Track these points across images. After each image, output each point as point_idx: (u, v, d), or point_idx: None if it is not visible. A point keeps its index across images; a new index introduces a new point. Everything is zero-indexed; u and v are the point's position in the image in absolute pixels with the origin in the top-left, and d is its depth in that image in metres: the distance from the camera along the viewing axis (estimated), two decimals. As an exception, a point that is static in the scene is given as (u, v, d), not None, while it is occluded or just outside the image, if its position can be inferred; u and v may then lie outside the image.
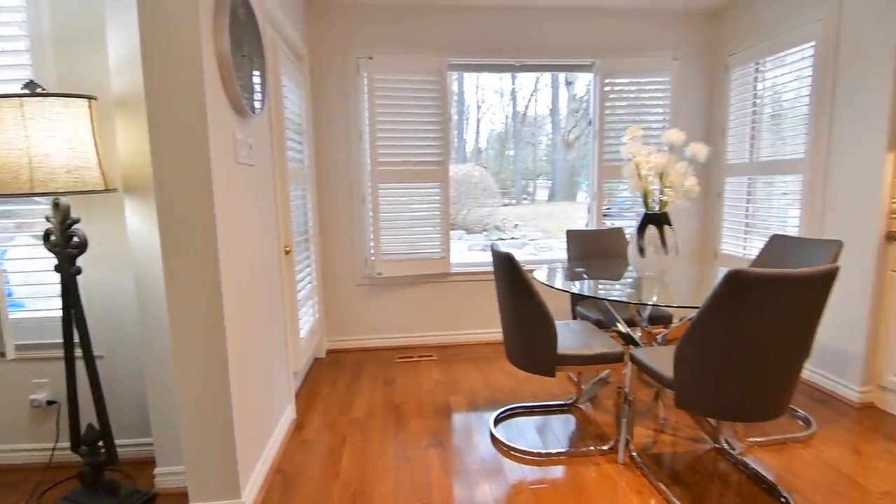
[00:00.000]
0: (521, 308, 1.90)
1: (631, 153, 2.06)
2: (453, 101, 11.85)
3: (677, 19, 3.39)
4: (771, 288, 1.35)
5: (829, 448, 2.08)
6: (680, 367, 1.60)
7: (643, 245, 2.08)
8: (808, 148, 2.67)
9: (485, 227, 9.94)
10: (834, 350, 2.57)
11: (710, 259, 3.57)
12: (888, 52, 2.25)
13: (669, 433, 2.22)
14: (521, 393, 2.67)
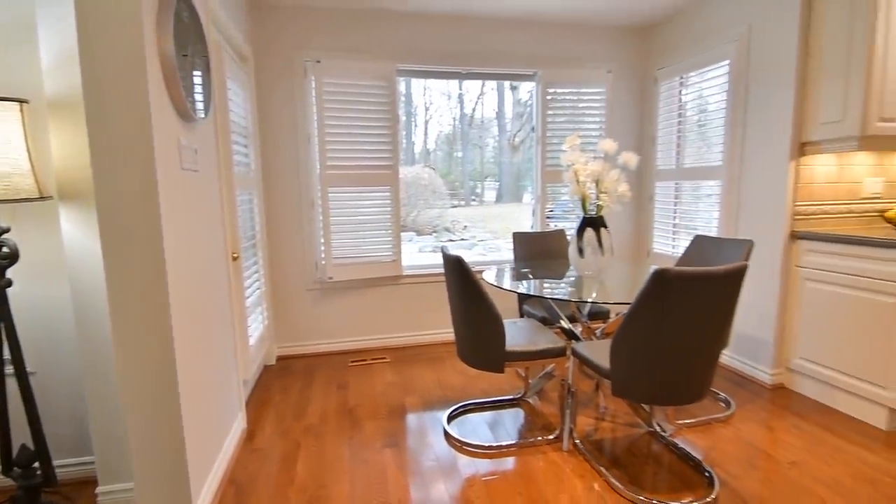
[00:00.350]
0: (471, 309, 1.99)
1: (570, 161, 2.21)
2: (401, 103, 11.87)
3: (611, 35, 3.63)
4: (691, 284, 1.52)
5: (747, 426, 2.32)
6: (615, 358, 1.75)
7: (582, 246, 2.23)
8: (725, 156, 2.96)
9: (435, 229, 10.04)
10: (749, 337, 2.87)
11: (643, 257, 3.84)
12: (789, 73, 2.54)
13: (609, 420, 2.39)
14: (473, 390, 2.77)
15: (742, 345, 2.92)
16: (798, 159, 2.58)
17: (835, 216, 2.67)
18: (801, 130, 2.56)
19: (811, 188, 2.62)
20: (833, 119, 2.38)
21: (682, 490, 1.83)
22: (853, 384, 2.34)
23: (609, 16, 3.37)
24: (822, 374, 2.49)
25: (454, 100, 12.47)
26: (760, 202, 2.74)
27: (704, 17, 3.10)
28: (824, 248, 2.46)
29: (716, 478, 1.89)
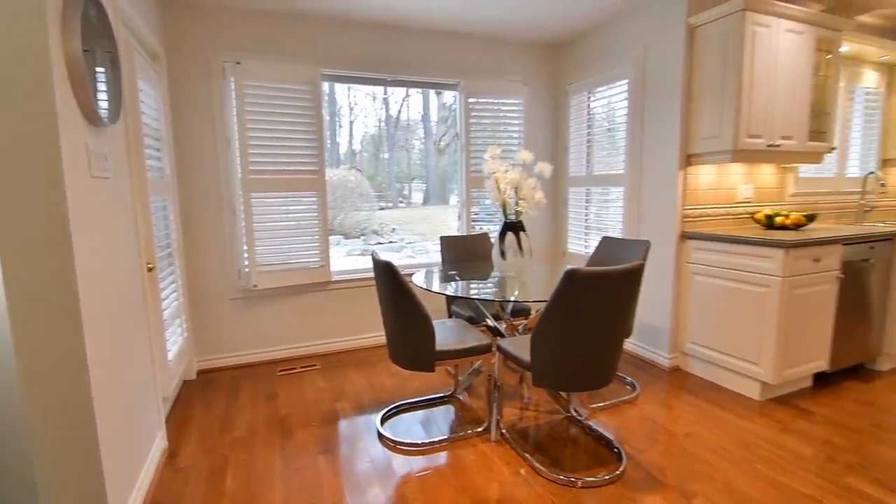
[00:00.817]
0: (401, 312, 2.06)
1: (491, 170, 2.36)
2: (325, 103, 11.56)
3: (527, 50, 3.88)
4: (597, 282, 1.71)
5: (649, 405, 2.61)
6: (535, 352, 1.91)
7: (504, 249, 2.40)
8: (627, 165, 3.29)
9: (363, 232, 9.94)
10: (650, 326, 3.21)
11: (559, 257, 4.14)
12: (677, 93, 2.90)
13: (532, 409, 2.57)
14: (406, 390, 2.84)
15: (644, 333, 3.27)
16: (685, 169, 2.95)
17: (715, 218, 3.08)
18: (687, 143, 2.92)
19: (696, 194, 3.00)
20: (712, 135, 2.76)
21: (596, 467, 2.04)
22: (733, 363, 2.73)
23: (525, 33, 3.60)
24: (709, 356, 2.87)
25: (379, 101, 12.41)
26: (657, 206, 3.09)
27: (607, 38, 3.42)
28: (707, 246, 2.84)
29: (623, 453, 2.12)
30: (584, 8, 3.14)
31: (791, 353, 2.56)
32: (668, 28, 2.92)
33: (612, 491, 1.88)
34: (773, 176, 3.28)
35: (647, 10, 3.06)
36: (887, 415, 2.46)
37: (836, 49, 2.92)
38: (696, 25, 2.80)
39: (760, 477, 1.96)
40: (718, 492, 1.86)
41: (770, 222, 2.96)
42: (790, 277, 2.46)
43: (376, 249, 10.12)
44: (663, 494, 1.85)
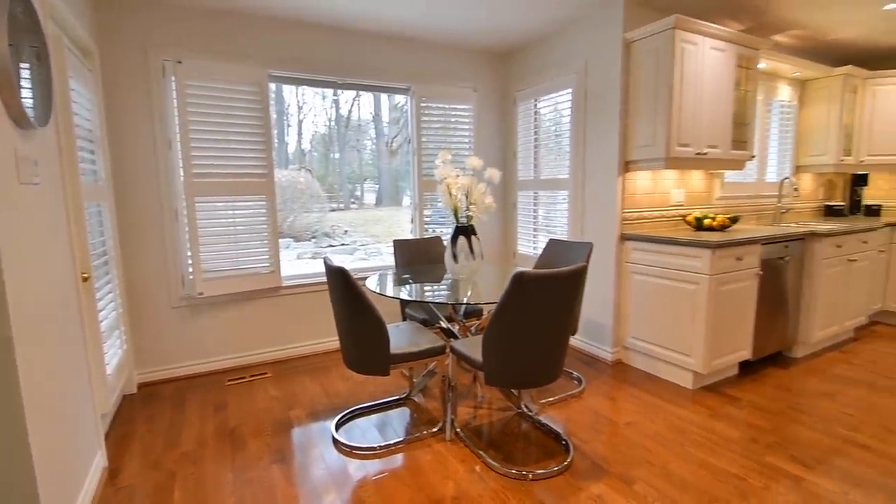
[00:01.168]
0: (355, 317, 2.08)
1: (443, 176, 2.42)
2: (273, 101, 11.17)
3: (477, 57, 3.97)
4: (543, 284, 1.80)
5: (594, 398, 2.76)
6: (487, 351, 1.98)
7: (456, 252, 2.46)
8: (571, 170, 3.45)
9: (314, 234, 9.74)
10: (594, 323, 3.39)
11: (509, 258, 4.27)
12: (616, 103, 3.08)
13: (486, 407, 2.65)
14: (360, 395, 2.84)
15: (589, 329, 3.44)
16: (624, 174, 3.14)
17: (651, 220, 3.30)
18: (625, 151, 3.11)
19: (634, 198, 3.20)
20: (646, 143, 2.96)
21: (546, 459, 2.14)
22: (669, 355, 2.93)
23: (475, 41, 3.69)
24: (648, 349, 3.07)
25: (329, 101, 12.16)
26: (599, 209, 3.27)
27: (552, 49, 3.57)
28: (644, 247, 3.03)
29: (571, 445, 2.24)
30: (530, 20, 3.27)
31: (719, 345, 2.79)
32: (607, 42, 3.10)
33: (560, 482, 1.99)
34: (702, 181, 3.56)
35: (588, 24, 3.22)
36: (802, 397, 2.74)
37: (754, 65, 3.21)
38: (632, 41, 2.99)
39: (693, 460, 2.13)
40: (656, 476, 2.01)
41: (699, 224, 3.21)
42: (717, 275, 2.69)
43: (329, 253, 9.95)
44: (607, 482, 1.98)
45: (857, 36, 3.74)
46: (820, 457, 2.14)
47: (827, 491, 1.90)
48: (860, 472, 2.02)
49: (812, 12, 3.21)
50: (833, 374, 3.05)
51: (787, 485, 1.95)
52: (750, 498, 1.87)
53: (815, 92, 4.08)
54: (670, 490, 1.92)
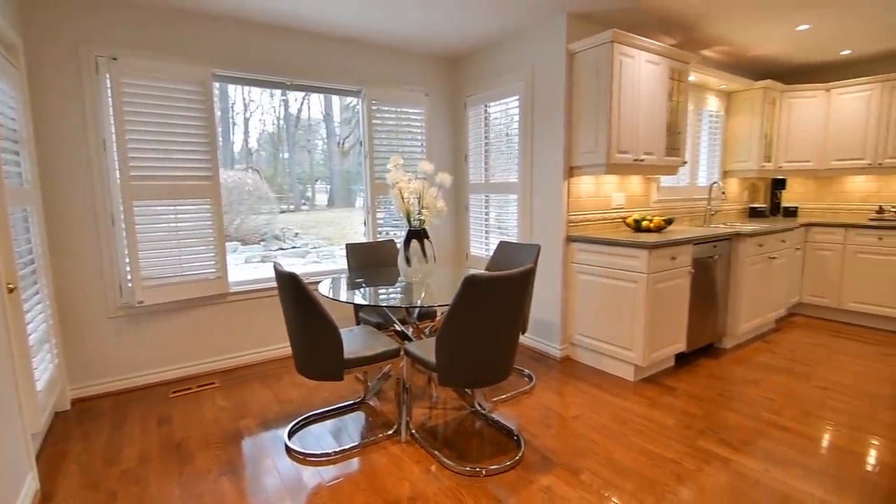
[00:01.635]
0: (308, 323, 2.06)
1: (395, 180, 2.44)
2: (217, 99, 10.65)
3: (428, 62, 4.02)
4: (493, 286, 1.87)
5: (544, 393, 2.87)
6: (440, 353, 2.03)
7: (409, 256, 2.49)
8: (520, 174, 3.57)
9: (263, 237, 9.43)
10: (543, 321, 3.52)
11: (462, 261, 4.35)
12: (560, 111, 3.22)
13: (440, 408, 2.70)
14: (314, 401, 2.81)
15: (539, 328, 3.57)
16: (569, 179, 3.28)
17: (594, 222, 3.47)
18: (570, 157, 3.26)
19: (579, 201, 3.36)
20: (589, 150, 3.11)
21: (499, 455, 2.21)
22: (612, 349, 3.10)
23: (425, 45, 3.74)
24: (593, 345, 3.23)
25: (277, 99, 11.78)
26: (546, 212, 3.40)
27: (501, 56, 3.68)
28: (588, 248, 3.19)
29: (522, 440, 2.32)
30: (476, 27, 3.35)
31: (656, 339, 2.98)
32: (551, 52, 3.23)
33: (513, 476, 2.06)
34: (641, 185, 3.78)
35: (534, 34, 3.35)
36: (730, 385, 2.97)
37: (685, 78, 3.45)
38: (575, 52, 3.14)
39: (634, 448, 2.27)
40: (601, 465, 2.13)
41: (638, 226, 3.41)
42: (653, 274, 2.88)
43: (279, 257, 9.67)
44: (556, 473, 2.07)
45: (774, 53, 4.11)
46: (746, 439, 2.34)
47: (751, 470, 2.09)
48: (780, 452, 2.23)
49: (734, 30, 3.50)
50: (757, 363, 3.33)
51: (717, 466, 2.12)
52: (685, 480, 2.02)
53: (740, 103, 4.43)
54: (614, 477, 2.04)
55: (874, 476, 2.03)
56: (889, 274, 3.93)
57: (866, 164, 4.26)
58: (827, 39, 3.75)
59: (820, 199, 4.90)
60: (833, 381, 3.01)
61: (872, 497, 1.90)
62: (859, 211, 4.60)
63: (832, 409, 2.64)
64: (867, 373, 3.14)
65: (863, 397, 2.78)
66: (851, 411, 2.61)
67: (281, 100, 11.24)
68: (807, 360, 3.38)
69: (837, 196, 4.78)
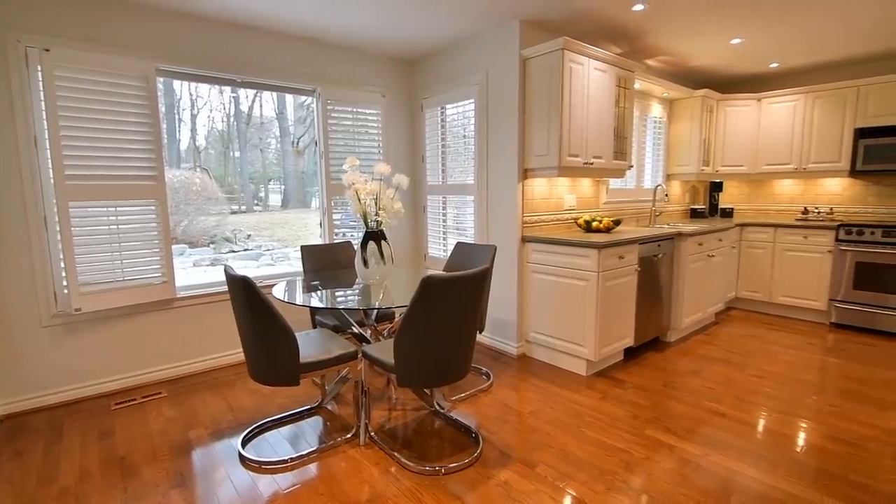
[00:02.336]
0: (261, 327, 2.01)
1: (351, 181, 2.43)
2: (162, 94, 10.08)
3: (383, 62, 4.01)
4: (450, 286, 1.90)
5: (501, 391, 2.94)
6: (398, 354, 2.04)
7: (366, 257, 2.48)
8: (476, 176, 3.63)
9: (212, 239, 9.06)
10: (501, 320, 3.60)
11: (421, 262, 4.37)
12: (514, 114, 3.30)
13: (400, 409, 2.70)
14: (269, 408, 2.74)
15: (496, 327, 3.64)
16: (524, 181, 3.37)
17: (548, 223, 3.58)
18: (524, 159, 3.35)
19: (533, 203, 3.46)
20: (542, 153, 3.21)
21: (458, 453, 2.24)
22: (565, 346, 3.21)
23: (382, 46, 3.73)
24: (548, 342, 3.33)
25: (227, 95, 11.29)
26: (502, 214, 3.48)
27: (456, 59, 3.73)
28: (542, 248, 3.29)
29: (480, 437, 2.37)
30: (433, 30, 3.38)
31: (607, 334, 3.12)
32: (505, 57, 3.31)
33: (471, 473, 2.10)
34: (591, 187, 3.94)
35: (489, 38, 3.42)
36: (675, 376, 3.15)
37: (631, 85, 3.62)
38: (528, 58, 3.23)
39: (587, 439, 2.37)
40: (556, 457, 2.21)
41: (588, 226, 3.55)
42: (603, 272, 3.00)
43: (230, 259, 9.24)
44: (512, 467, 2.13)
45: (711, 63, 4.38)
46: (689, 427, 2.49)
47: (693, 455, 2.23)
48: (719, 437, 2.39)
49: (674, 41, 3.71)
50: (699, 355, 3.54)
51: (664, 453, 2.24)
52: (634, 468, 2.13)
53: (681, 110, 4.70)
54: (568, 468, 2.12)
55: (802, 456, 2.22)
56: (813, 269, 4.29)
57: (792, 168, 4.62)
58: (757, 53, 4.05)
59: (753, 201, 5.27)
60: (765, 369, 3.26)
61: (801, 474, 2.07)
62: (787, 212, 4.99)
63: (765, 395, 2.86)
64: (795, 361, 3.41)
65: (791, 384, 3.02)
66: (781, 397, 2.83)
67: (231, 96, 10.80)
68: (742, 350, 3.63)
69: (768, 198, 5.16)
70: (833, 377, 3.12)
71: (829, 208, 4.68)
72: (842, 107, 4.28)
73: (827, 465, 2.14)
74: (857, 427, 2.47)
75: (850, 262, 4.07)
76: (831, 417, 2.58)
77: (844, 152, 4.30)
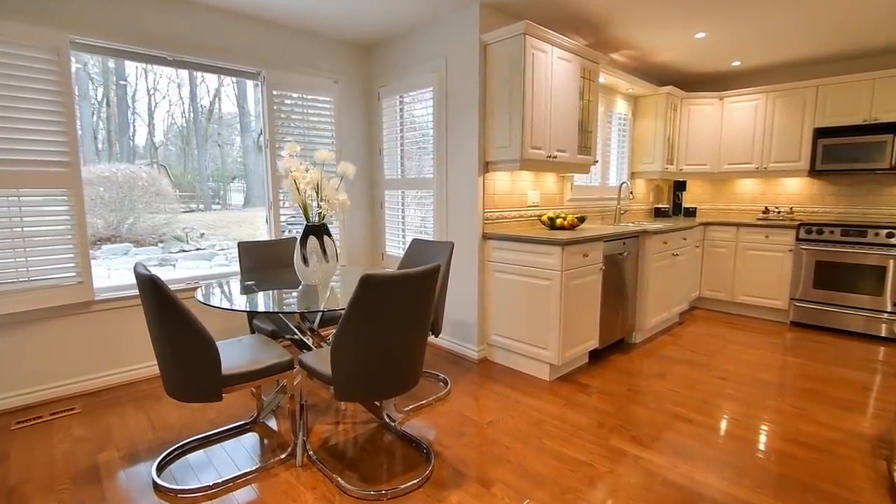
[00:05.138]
0: (174, 335, 1.73)
1: (288, 168, 2.16)
2: (112, 84, 9.32)
3: (337, 47, 3.74)
4: (394, 286, 1.67)
5: (460, 399, 2.72)
6: (336, 364, 1.79)
7: (306, 255, 2.22)
8: (435, 169, 3.41)
9: (161, 238, 8.51)
10: (460, 322, 3.39)
11: (379, 260, 4.12)
12: (475, 104, 3.10)
13: (348, 422, 2.45)
14: (198, 424, 2.43)
15: (456, 329, 3.43)
16: (485, 175, 3.18)
17: (510, 220, 3.40)
18: (485, 152, 3.15)
19: (494, 198, 3.27)
20: (504, 144, 3.02)
21: (408, 472, 2.01)
22: (527, 349, 3.03)
23: (335, 28, 3.46)
24: (509, 345, 3.14)
25: (185, 88, 10.64)
26: (462, 209, 3.27)
27: (414, 45, 3.50)
28: (504, 245, 3.10)
29: (432, 454, 2.15)
30: (388, 12, 3.14)
31: (571, 336, 2.95)
32: (465, 42, 3.11)
33: (420, 496, 1.87)
34: (555, 183, 3.78)
35: (448, 23, 3.21)
36: (640, 379, 3.02)
37: (595, 78, 3.49)
38: (489, 43, 3.04)
39: (548, 452, 2.18)
40: (514, 474, 2.01)
41: (552, 223, 3.39)
42: (567, 271, 2.84)
43: (181, 260, 8.66)
44: (467, 488, 1.92)
45: (675, 59, 4.32)
46: (654, 434, 2.35)
47: (660, 467, 2.07)
48: (686, 445, 2.25)
49: (639, 34, 3.60)
50: (664, 356, 3.44)
51: (628, 465, 2.08)
52: (597, 483, 1.95)
53: (645, 107, 4.63)
54: (526, 486, 1.92)
55: (771, 464, 2.10)
56: (774, 269, 4.28)
57: (754, 168, 4.62)
58: (721, 49, 4.00)
59: (716, 200, 5.27)
60: (729, 370, 3.17)
61: (771, 484, 1.94)
62: (749, 211, 5.00)
63: (729, 398, 2.75)
64: (756, 361, 3.35)
65: (754, 385, 2.94)
66: (745, 399, 2.74)
67: (190, 89, 10.17)
68: (706, 351, 3.55)
69: (730, 198, 5.16)
70: (795, 377, 3.06)
71: (788, 208, 4.70)
72: (801, 106, 4.30)
73: (796, 472, 2.03)
74: (823, 430, 2.39)
75: (810, 261, 4.07)
76: (796, 420, 2.49)
77: (804, 152, 4.32)
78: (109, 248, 8.08)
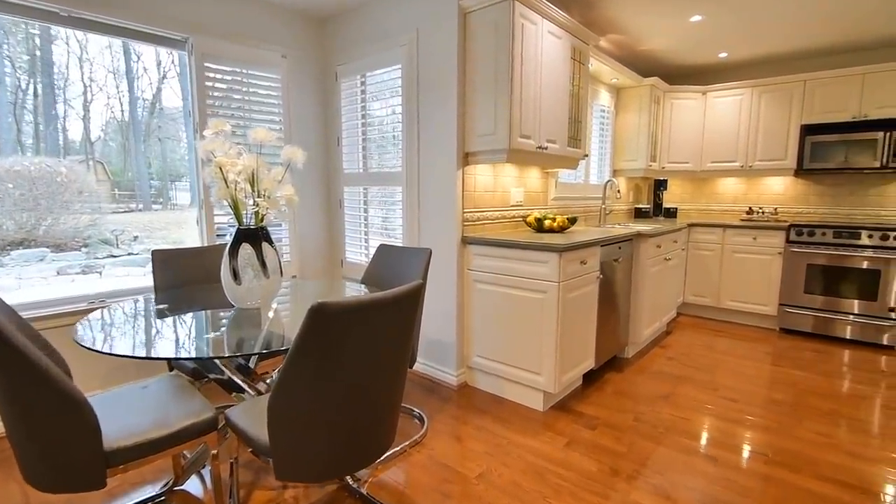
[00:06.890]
0: (19, 391, 1.13)
1: (209, 150, 1.59)
2: (38, 71, 8.30)
3: (285, 16, 3.14)
4: (358, 316, 1.15)
5: (438, 441, 2.22)
6: (275, 427, 1.24)
7: (237, 269, 1.65)
8: (404, 162, 2.89)
9: (86, 242, 7.51)
10: (436, 342, 2.88)
11: (337, 268, 3.54)
12: (452, 84, 2.60)
13: (298, 485, 1.89)
14: (91, 498, 1.80)
15: (431, 350, 2.93)
16: (464, 168, 2.69)
17: (492, 221, 2.93)
18: (464, 141, 2.67)
19: (475, 196, 2.79)
20: (487, 132, 2.55)
21: (376, 559, 1.49)
22: (517, 374, 2.57)
23: (279, -10, 2.88)
24: (494, 368, 2.67)
25: (121, 76, 9.62)
26: (437, 208, 2.77)
27: (378, 16, 2.97)
28: (487, 251, 2.62)
29: (410, 528, 1.63)
30: (348, -31, 2.60)
31: (568, 359, 2.52)
32: (440, 10, 2.61)
33: None
34: (539, 180, 3.35)
35: (419, -13, 2.70)
36: (644, 404, 2.62)
37: (586, 60, 3.08)
38: (469, 11, 2.55)
39: (556, 515, 1.72)
40: (518, 553, 1.53)
41: (540, 225, 2.95)
42: (565, 281, 2.39)
43: (108, 266, 7.73)
44: (459, 583, 1.42)
45: (663, 47, 4.00)
46: (679, 481, 1.93)
47: (694, 528, 1.65)
48: (719, 497, 1.85)
49: (630, 15, 3.23)
50: (661, 373, 3.07)
51: (656, 529, 1.65)
52: (624, 560, 1.50)
53: (628, 100, 4.29)
54: (538, 576, 1.45)
55: (822, 518, 1.72)
56: (762, 272, 4.04)
57: (737, 166, 4.39)
58: (712, 37, 3.70)
59: (696, 200, 5.02)
60: (736, 389, 2.83)
61: (834, 553, 1.56)
62: (731, 212, 4.77)
63: (747, 425, 2.40)
64: (759, 375, 3.04)
65: (768, 407, 2.60)
66: (764, 426, 2.39)
67: (130, 78, 9.20)
68: (703, 365, 3.22)
69: (711, 197, 4.93)
70: (807, 395, 2.75)
71: (773, 208, 4.50)
72: (788, 102, 4.08)
73: (859, 531, 1.66)
74: (858, 464, 2.05)
75: (801, 265, 3.84)
76: (829, 453, 2.15)
77: (790, 150, 4.11)
78: (21, 253, 7.07)
